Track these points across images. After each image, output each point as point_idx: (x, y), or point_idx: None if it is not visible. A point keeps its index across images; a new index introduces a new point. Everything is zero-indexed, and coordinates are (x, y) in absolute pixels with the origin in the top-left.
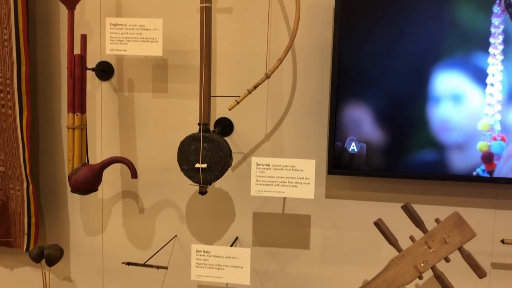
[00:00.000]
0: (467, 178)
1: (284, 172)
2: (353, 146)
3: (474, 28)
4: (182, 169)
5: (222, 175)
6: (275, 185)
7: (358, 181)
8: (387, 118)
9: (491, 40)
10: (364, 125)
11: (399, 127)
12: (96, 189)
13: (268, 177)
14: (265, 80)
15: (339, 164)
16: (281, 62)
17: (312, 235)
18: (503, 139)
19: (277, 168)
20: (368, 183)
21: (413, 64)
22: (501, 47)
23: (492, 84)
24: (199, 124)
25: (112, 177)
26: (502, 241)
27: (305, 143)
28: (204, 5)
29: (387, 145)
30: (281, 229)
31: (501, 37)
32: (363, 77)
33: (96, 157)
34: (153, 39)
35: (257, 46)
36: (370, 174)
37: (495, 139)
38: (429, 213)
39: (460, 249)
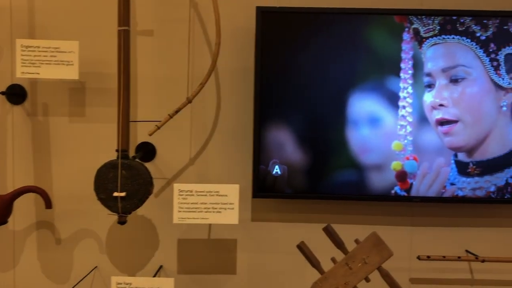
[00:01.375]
0: (385, 198)
1: (207, 198)
2: (276, 169)
3: (386, 54)
4: (100, 198)
5: (143, 203)
6: (198, 212)
7: (283, 203)
8: (309, 141)
9: (402, 65)
10: (287, 148)
11: (320, 150)
12: (5, 222)
13: (191, 203)
14: (187, 104)
15: (263, 187)
16: (203, 86)
17: (239, 259)
18: (415, 159)
19: (200, 194)
20: (292, 205)
21: (331, 88)
22: (411, 71)
23: (404, 107)
24: (117, 151)
25: (25, 207)
26: (418, 258)
27: (230, 167)
28: (122, 28)
29: (309, 167)
30: (207, 255)
31: (410, 63)
32: (285, 101)
33: (6, 187)
34: (68, 62)
35: (179, 70)
36: (293, 197)
37: (407, 158)
38: (351, 233)
39: (379, 268)
